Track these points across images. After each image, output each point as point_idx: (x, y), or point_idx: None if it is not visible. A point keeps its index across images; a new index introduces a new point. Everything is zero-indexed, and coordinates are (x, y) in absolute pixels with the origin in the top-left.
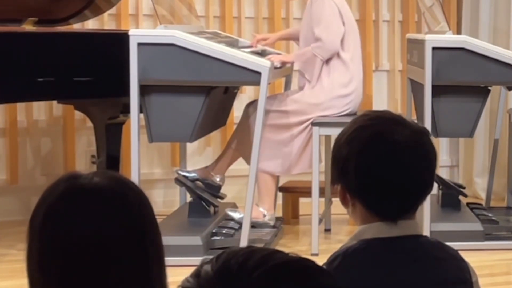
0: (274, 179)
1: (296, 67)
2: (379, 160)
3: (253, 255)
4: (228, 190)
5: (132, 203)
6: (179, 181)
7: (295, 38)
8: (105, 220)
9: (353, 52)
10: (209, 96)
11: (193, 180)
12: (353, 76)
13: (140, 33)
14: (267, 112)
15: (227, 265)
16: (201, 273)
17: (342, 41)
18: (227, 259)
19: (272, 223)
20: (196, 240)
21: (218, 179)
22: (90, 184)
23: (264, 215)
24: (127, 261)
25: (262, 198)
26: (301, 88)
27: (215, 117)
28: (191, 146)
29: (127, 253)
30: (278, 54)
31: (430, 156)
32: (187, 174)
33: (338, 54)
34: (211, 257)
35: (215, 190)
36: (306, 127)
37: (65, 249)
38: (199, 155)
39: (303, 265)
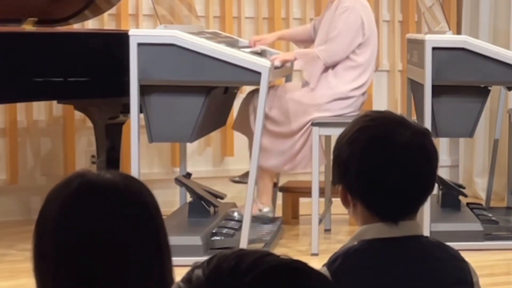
0: (270, 176)
1: (296, 66)
2: (380, 161)
3: (244, 258)
4: (228, 190)
5: (146, 198)
6: (179, 181)
7: (296, 40)
8: (122, 215)
9: (369, 59)
10: (209, 96)
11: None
12: (363, 82)
13: (140, 33)
14: (268, 105)
15: (219, 269)
16: (193, 278)
17: (358, 47)
18: (219, 263)
19: (271, 215)
20: (196, 240)
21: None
22: (104, 180)
23: (260, 209)
24: (144, 257)
25: (259, 192)
26: (304, 85)
27: (215, 117)
28: (191, 146)
29: (144, 249)
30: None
31: (431, 157)
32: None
33: (350, 58)
34: (203, 259)
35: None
36: (306, 130)
37: (83, 246)
38: (199, 155)
39: (295, 267)
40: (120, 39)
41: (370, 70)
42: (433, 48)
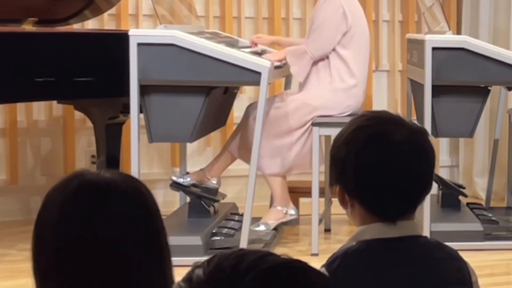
0: (279, 178)
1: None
2: (378, 161)
3: (245, 258)
4: (228, 190)
5: (146, 198)
6: (175, 186)
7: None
8: (122, 215)
9: (356, 51)
10: (209, 96)
11: (189, 186)
12: (355, 75)
13: (140, 33)
14: (267, 112)
15: (219, 268)
16: (193, 277)
17: (344, 38)
18: (219, 263)
19: (296, 216)
20: (196, 240)
21: (214, 182)
22: (103, 180)
23: (285, 212)
24: (144, 257)
25: (276, 198)
26: (301, 89)
27: (215, 117)
28: (191, 146)
29: (144, 249)
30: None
31: (428, 155)
32: (182, 181)
33: (337, 52)
34: (203, 259)
35: (212, 193)
36: (306, 129)
37: (83, 246)
38: (199, 155)
39: (296, 267)
40: (120, 39)
41: (362, 63)
42: (433, 48)
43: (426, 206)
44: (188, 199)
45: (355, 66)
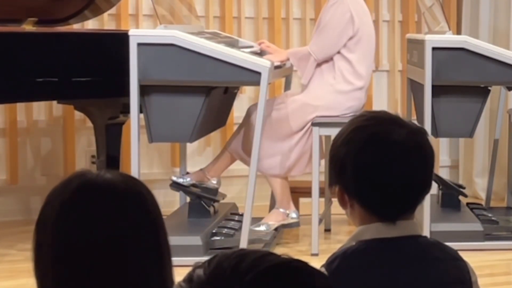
0: (284, 178)
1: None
2: (377, 161)
3: (245, 258)
4: (228, 190)
5: (146, 199)
6: (175, 186)
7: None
8: (122, 216)
9: (362, 55)
10: (209, 96)
11: (189, 186)
12: (363, 78)
13: (140, 33)
14: (268, 113)
15: (220, 268)
16: (194, 277)
17: (350, 42)
18: (220, 263)
19: (297, 219)
20: (196, 240)
21: (214, 182)
22: (104, 180)
23: (287, 214)
24: (144, 257)
25: (278, 199)
26: (303, 89)
27: (215, 117)
28: (191, 146)
29: (144, 249)
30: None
31: (427, 155)
32: (182, 181)
33: (343, 55)
34: (203, 259)
35: (212, 193)
36: (307, 130)
37: (83, 247)
38: (199, 155)
39: (296, 267)
40: (120, 39)
41: (368, 66)
42: (433, 48)
43: (426, 206)
44: (188, 199)
45: (361, 68)
